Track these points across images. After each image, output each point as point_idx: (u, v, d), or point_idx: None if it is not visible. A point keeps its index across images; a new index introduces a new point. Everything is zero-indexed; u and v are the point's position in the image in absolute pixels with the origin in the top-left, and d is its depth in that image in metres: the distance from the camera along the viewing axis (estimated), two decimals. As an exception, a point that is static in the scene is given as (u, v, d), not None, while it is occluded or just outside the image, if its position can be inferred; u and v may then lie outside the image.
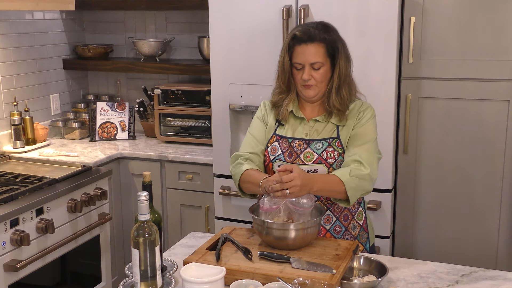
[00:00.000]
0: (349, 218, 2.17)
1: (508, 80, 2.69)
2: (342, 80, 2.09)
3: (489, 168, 2.79)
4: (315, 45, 2.04)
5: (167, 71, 3.72)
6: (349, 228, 2.17)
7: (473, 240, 2.87)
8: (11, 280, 2.45)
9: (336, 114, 2.11)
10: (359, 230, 2.19)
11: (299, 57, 2.06)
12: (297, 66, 2.07)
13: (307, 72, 2.05)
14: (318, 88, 2.09)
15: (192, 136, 3.58)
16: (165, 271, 1.81)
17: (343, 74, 2.09)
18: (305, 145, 2.11)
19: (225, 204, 3.07)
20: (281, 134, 2.16)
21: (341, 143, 2.11)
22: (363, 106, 2.16)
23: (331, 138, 2.11)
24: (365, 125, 2.12)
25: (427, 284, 1.77)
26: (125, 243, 3.48)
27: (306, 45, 2.04)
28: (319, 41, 2.05)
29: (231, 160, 2.22)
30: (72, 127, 3.74)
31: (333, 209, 2.14)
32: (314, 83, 2.07)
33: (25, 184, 2.73)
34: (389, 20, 2.66)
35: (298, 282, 1.60)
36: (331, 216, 2.14)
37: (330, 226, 2.14)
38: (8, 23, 3.44)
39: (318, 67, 2.05)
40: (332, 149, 2.09)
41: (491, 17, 2.67)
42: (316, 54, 2.04)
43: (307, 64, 2.05)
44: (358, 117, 2.12)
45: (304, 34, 2.05)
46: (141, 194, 1.62)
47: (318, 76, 2.06)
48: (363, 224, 2.21)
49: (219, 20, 2.92)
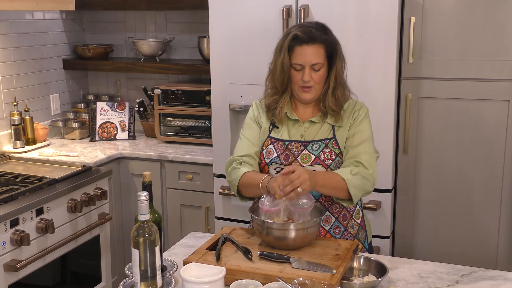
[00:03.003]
0: (347, 217, 2.17)
1: (508, 80, 2.69)
2: (338, 81, 2.09)
3: (489, 168, 2.79)
4: (316, 46, 2.03)
5: (167, 71, 3.72)
6: (348, 227, 2.17)
7: (473, 240, 2.87)
8: (11, 280, 2.45)
9: (331, 114, 2.10)
10: (358, 229, 2.20)
11: (299, 57, 2.03)
12: (297, 67, 2.05)
13: (308, 73, 2.04)
14: (316, 91, 2.08)
15: (192, 136, 3.57)
16: (165, 271, 1.81)
17: (339, 75, 2.09)
18: (301, 147, 2.10)
19: (225, 204, 3.07)
20: (276, 137, 2.13)
21: (337, 143, 2.10)
22: (357, 105, 2.15)
23: (328, 139, 2.10)
24: (360, 124, 2.12)
25: (427, 284, 1.77)
26: (125, 243, 3.48)
27: (308, 46, 2.02)
28: (320, 42, 2.03)
29: (226, 166, 2.18)
30: (72, 127, 3.74)
31: (332, 210, 2.14)
32: (313, 85, 2.06)
33: (25, 184, 2.73)
34: (389, 20, 2.66)
35: (298, 282, 1.60)
36: (330, 216, 2.14)
37: (330, 227, 2.14)
38: (8, 23, 3.44)
39: (318, 68, 2.04)
40: (329, 150, 2.09)
41: (491, 17, 2.67)
42: (317, 55, 2.03)
43: (308, 65, 2.03)
44: (353, 116, 2.12)
45: (305, 35, 2.03)
46: (141, 194, 1.62)
47: (317, 77, 2.05)
48: (361, 223, 2.21)
49: (219, 20, 2.92)
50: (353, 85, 2.20)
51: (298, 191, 1.87)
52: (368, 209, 2.75)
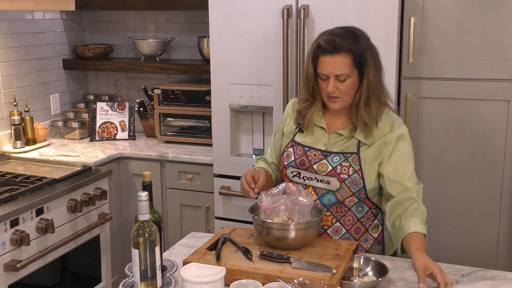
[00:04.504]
0: (361, 231, 2.10)
1: (508, 80, 2.69)
2: (371, 91, 1.97)
3: (489, 168, 2.79)
4: (341, 56, 1.92)
5: (167, 71, 3.72)
6: (360, 241, 2.10)
7: (473, 240, 2.87)
8: (11, 280, 2.45)
9: (362, 129, 2.00)
10: (372, 243, 2.12)
11: (323, 68, 1.95)
12: (322, 76, 1.97)
13: (332, 84, 1.95)
14: (343, 101, 1.99)
15: (192, 136, 3.57)
16: (165, 271, 1.81)
17: (372, 85, 1.97)
18: (321, 156, 2.04)
19: (225, 204, 3.07)
20: (298, 142, 2.11)
21: (359, 159, 2.00)
22: (395, 125, 2.03)
23: (349, 153, 2.02)
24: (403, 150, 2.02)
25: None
26: (125, 243, 3.48)
27: (332, 56, 1.93)
28: (345, 52, 1.92)
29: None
30: (72, 127, 3.74)
31: (343, 221, 2.08)
32: (339, 95, 1.98)
33: (25, 184, 2.73)
34: (389, 20, 2.66)
35: (298, 282, 1.60)
36: (341, 228, 2.08)
37: (339, 238, 2.08)
38: (8, 23, 3.44)
39: (343, 79, 1.94)
40: (348, 165, 2.00)
41: (491, 17, 2.67)
42: (342, 66, 1.93)
43: (332, 76, 1.95)
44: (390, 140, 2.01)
45: (328, 44, 1.93)
46: (141, 194, 1.62)
47: (344, 88, 1.96)
48: (378, 237, 2.13)
49: (219, 20, 2.92)
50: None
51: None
52: (368, 209, 2.75)
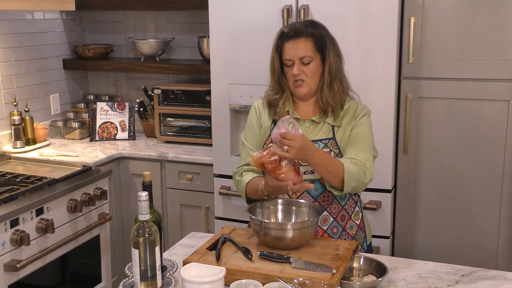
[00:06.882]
0: (346, 218, 2.17)
1: (508, 80, 2.69)
2: (333, 75, 2.11)
3: (489, 168, 2.79)
4: (303, 39, 2.07)
5: (167, 71, 3.72)
6: (346, 228, 2.17)
7: (473, 240, 2.87)
8: (11, 280, 2.45)
9: (330, 113, 2.12)
10: (356, 230, 2.20)
11: (287, 52, 2.09)
12: (287, 62, 2.10)
13: (297, 67, 2.08)
14: (309, 85, 2.11)
15: (192, 136, 3.57)
16: (165, 271, 1.81)
17: (334, 69, 2.11)
18: None
19: (225, 204, 3.07)
20: None
21: (337, 143, 2.12)
22: (359, 107, 2.17)
23: (327, 139, 2.12)
24: (361, 125, 2.13)
25: (427, 284, 1.77)
26: (125, 243, 3.48)
27: (294, 40, 2.07)
28: (306, 36, 2.08)
29: (233, 178, 2.25)
30: (72, 127, 3.74)
31: (330, 210, 2.14)
32: (305, 78, 2.09)
33: (25, 184, 2.73)
34: (389, 20, 2.66)
35: (298, 282, 1.60)
36: (328, 216, 2.14)
37: (328, 227, 2.13)
38: (8, 23, 3.44)
39: (307, 61, 2.08)
40: (328, 150, 2.11)
41: (491, 17, 2.67)
42: (305, 48, 2.07)
43: (297, 59, 2.07)
44: (354, 116, 2.14)
45: (291, 30, 2.09)
46: (141, 194, 1.62)
47: (309, 70, 2.08)
48: (360, 224, 2.22)
49: (219, 20, 2.92)
50: (353, 85, 2.21)
51: (284, 148, 1.90)
52: (368, 209, 2.75)
